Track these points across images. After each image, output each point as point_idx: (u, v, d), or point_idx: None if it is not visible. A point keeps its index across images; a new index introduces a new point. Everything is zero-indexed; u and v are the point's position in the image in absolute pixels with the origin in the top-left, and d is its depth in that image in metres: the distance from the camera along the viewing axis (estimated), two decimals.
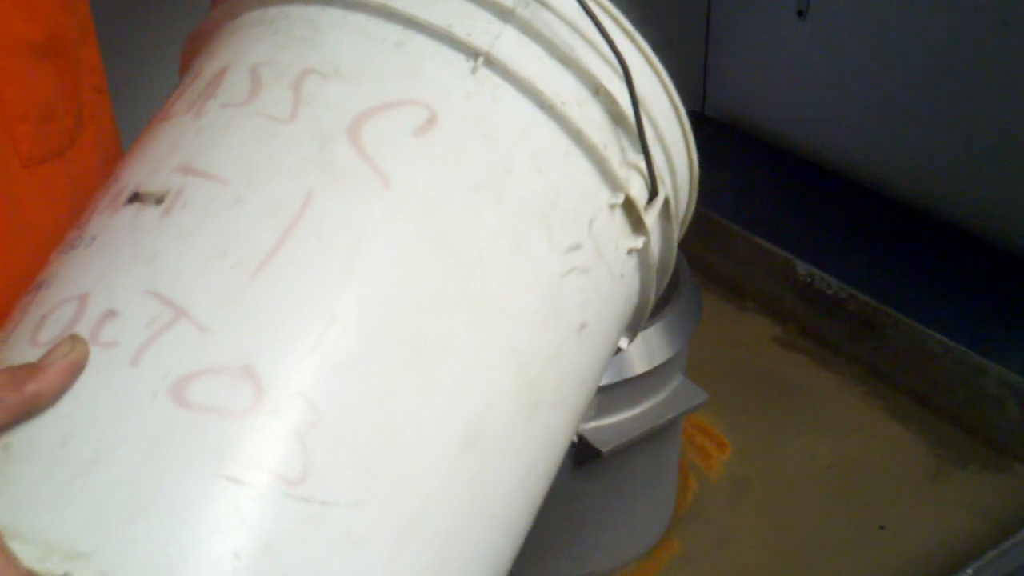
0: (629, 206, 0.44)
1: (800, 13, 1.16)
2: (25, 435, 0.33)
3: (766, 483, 0.83)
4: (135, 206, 0.38)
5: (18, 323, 0.38)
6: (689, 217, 0.54)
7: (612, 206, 0.43)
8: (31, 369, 0.34)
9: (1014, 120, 0.96)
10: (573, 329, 0.42)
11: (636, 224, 0.44)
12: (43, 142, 0.52)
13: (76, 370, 0.34)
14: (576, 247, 0.42)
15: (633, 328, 0.52)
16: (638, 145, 0.44)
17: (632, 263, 0.46)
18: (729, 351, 1.00)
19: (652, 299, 0.50)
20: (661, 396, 0.68)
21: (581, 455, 0.66)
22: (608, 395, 0.65)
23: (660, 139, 0.46)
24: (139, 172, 0.40)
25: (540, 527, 0.71)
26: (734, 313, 1.07)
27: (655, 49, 0.48)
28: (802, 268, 1.00)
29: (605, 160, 0.43)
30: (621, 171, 0.43)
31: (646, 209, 0.44)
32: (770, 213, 1.11)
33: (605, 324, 0.45)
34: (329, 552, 0.33)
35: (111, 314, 0.35)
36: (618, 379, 0.65)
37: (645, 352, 0.67)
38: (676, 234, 0.50)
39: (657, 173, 0.45)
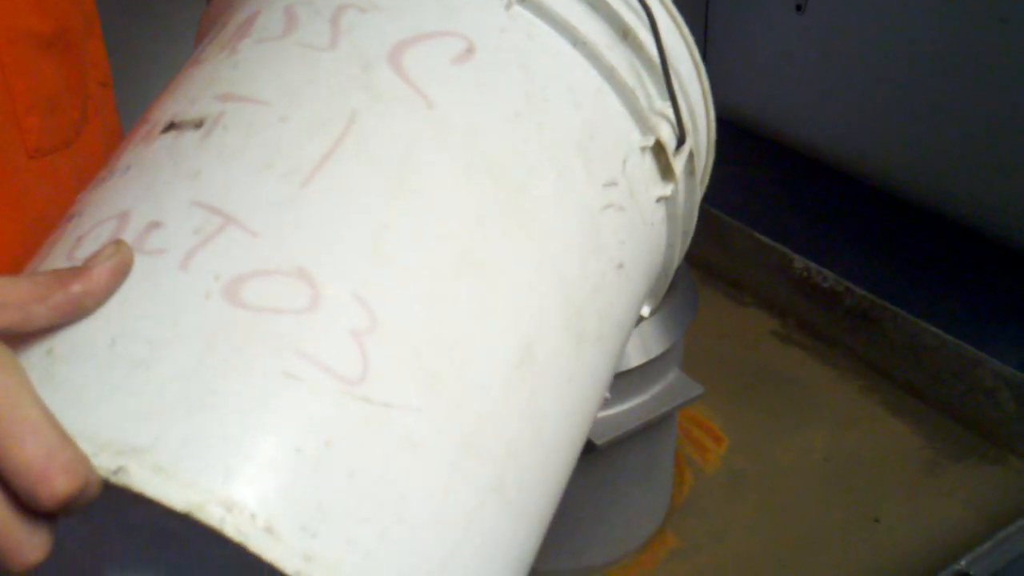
0: (659, 151, 0.45)
1: (798, 7, 1.16)
2: (69, 338, 0.32)
3: (762, 476, 0.84)
4: (171, 134, 0.38)
5: (51, 249, 0.36)
6: (707, 181, 0.55)
7: (643, 149, 0.45)
8: (75, 270, 0.32)
9: (1011, 115, 0.96)
10: (612, 266, 0.42)
11: (665, 170, 0.46)
12: (50, 134, 0.52)
13: (122, 272, 0.33)
14: (612, 184, 0.43)
15: (656, 293, 0.53)
16: (665, 94, 0.45)
17: (660, 213, 0.47)
18: (726, 345, 1.00)
19: (676, 261, 0.51)
20: (656, 389, 0.68)
21: None
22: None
23: (684, 93, 0.48)
24: (173, 107, 0.39)
25: None
26: (731, 307, 1.07)
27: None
28: (799, 262, 1.01)
29: (636, 100, 0.44)
30: (650, 116, 0.45)
31: (675, 155, 0.46)
32: (767, 208, 1.11)
33: (639, 270, 0.46)
34: (393, 455, 0.32)
35: (155, 225, 0.34)
36: (623, 368, 0.66)
37: (640, 345, 0.67)
38: (698, 194, 0.52)
39: (687, 124, 0.46)
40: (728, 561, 0.76)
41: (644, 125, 0.45)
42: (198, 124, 0.37)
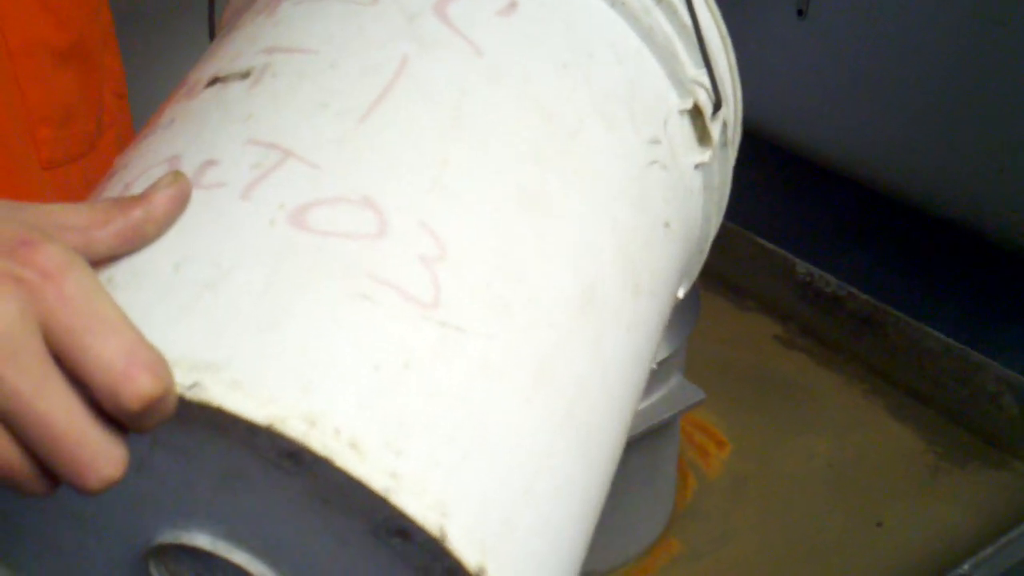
0: (696, 116, 0.48)
1: (800, 12, 1.17)
2: (130, 266, 0.31)
3: (765, 481, 0.85)
4: (216, 86, 0.38)
5: (99, 196, 0.36)
6: (734, 158, 0.57)
7: (681, 112, 0.47)
8: (135, 197, 0.32)
9: (1013, 119, 0.97)
10: (660, 223, 0.44)
11: (702, 136, 0.48)
12: (64, 145, 0.54)
13: (181, 200, 0.32)
14: (656, 141, 0.45)
15: (690, 272, 0.54)
16: (698, 62, 0.48)
17: (698, 180, 0.49)
18: (729, 350, 1.02)
19: (710, 237, 0.53)
20: (658, 395, 0.70)
21: None
22: None
23: (714, 63, 0.50)
24: (215, 66, 0.39)
25: None
26: (734, 312, 1.08)
27: None
28: (801, 267, 1.02)
29: (674, 62, 0.46)
30: (687, 80, 0.47)
31: (711, 121, 0.48)
32: (770, 212, 1.13)
33: (681, 233, 0.48)
34: (471, 379, 0.32)
35: (211, 163, 0.34)
36: None
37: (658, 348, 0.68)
38: (730, 171, 0.53)
39: (722, 91, 0.49)
40: (731, 566, 0.78)
41: (681, 88, 0.47)
42: (245, 75, 0.38)
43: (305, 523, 0.31)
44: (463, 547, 0.30)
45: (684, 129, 0.48)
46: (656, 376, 0.70)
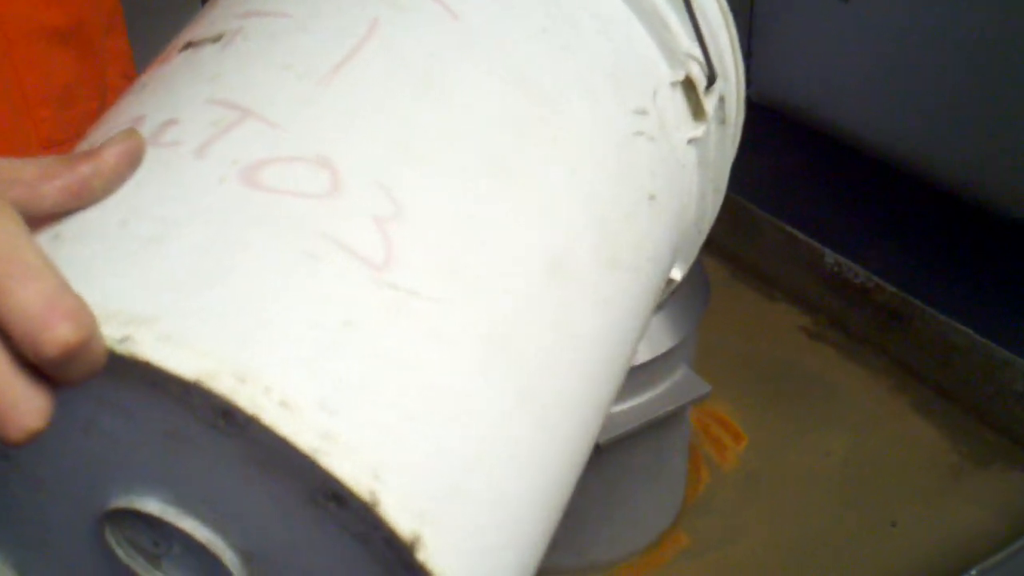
0: (689, 89, 0.47)
1: None
2: (77, 221, 0.31)
3: (780, 476, 0.84)
4: (189, 50, 0.38)
5: None
6: (738, 138, 0.56)
7: (673, 84, 0.47)
8: (84, 152, 0.32)
9: None
10: (644, 195, 0.44)
11: (696, 110, 0.48)
12: (64, 126, 0.55)
13: (133, 157, 0.32)
14: (643, 112, 0.44)
15: (687, 253, 0.54)
16: (692, 34, 0.47)
17: (692, 156, 0.49)
18: (754, 341, 1.01)
19: (708, 218, 0.53)
20: (663, 387, 0.69)
21: None
22: None
23: (713, 38, 0.50)
24: (193, 31, 0.40)
25: None
26: (761, 303, 1.07)
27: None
28: (829, 257, 1.00)
29: (664, 34, 0.46)
30: (679, 52, 0.47)
31: (705, 95, 0.48)
32: (805, 200, 1.11)
33: (671, 207, 0.47)
34: (418, 343, 0.32)
35: (171, 122, 0.34)
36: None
37: (646, 340, 0.68)
38: (730, 150, 0.52)
39: (717, 66, 0.48)
40: (738, 563, 0.77)
41: (674, 60, 0.47)
42: (217, 39, 0.38)
43: (247, 488, 0.31)
44: (396, 514, 0.29)
45: (676, 102, 0.47)
46: (661, 367, 0.69)
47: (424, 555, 0.30)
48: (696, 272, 0.73)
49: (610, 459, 0.71)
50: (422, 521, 0.30)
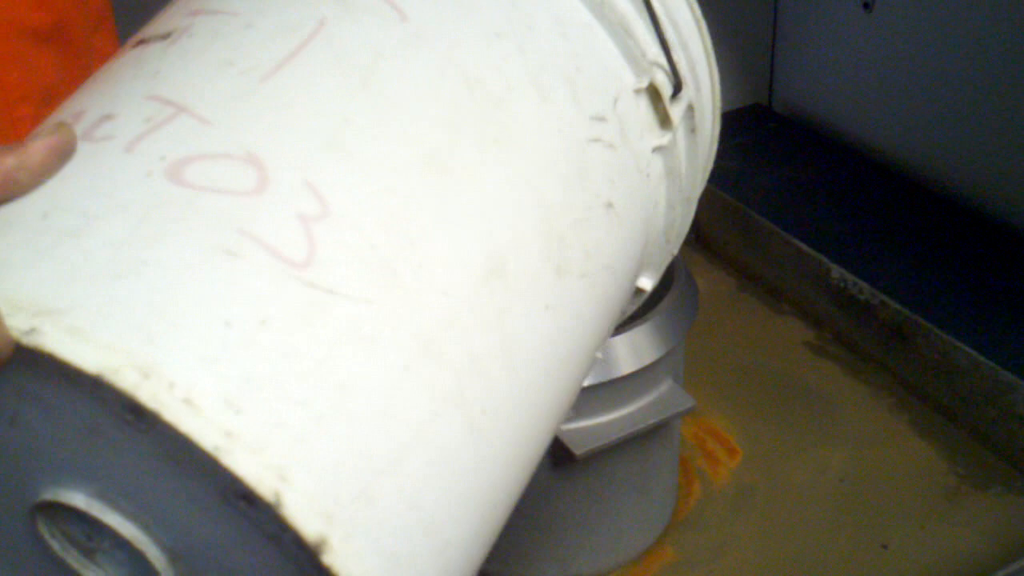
0: (654, 96, 0.47)
1: (866, 5, 1.15)
2: (1, 214, 0.32)
3: (772, 493, 0.84)
4: (139, 48, 0.39)
5: None
6: (714, 149, 0.56)
7: (637, 91, 0.46)
8: (9, 146, 0.32)
9: None
10: (600, 203, 0.43)
11: (663, 119, 0.47)
12: None
13: (60, 150, 0.33)
14: (601, 118, 0.44)
15: (656, 263, 0.54)
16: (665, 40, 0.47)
17: (658, 165, 0.49)
18: (756, 354, 1.00)
19: (678, 229, 0.52)
20: (646, 400, 0.69)
21: (557, 456, 0.67)
22: (588, 396, 0.66)
23: (683, 46, 0.49)
24: (143, 31, 0.40)
25: (521, 524, 0.72)
26: (768, 315, 1.06)
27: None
28: (836, 272, 0.99)
29: (628, 40, 0.45)
30: (643, 60, 0.46)
31: (671, 102, 0.47)
32: (819, 213, 1.10)
33: (632, 216, 0.47)
34: (335, 343, 0.31)
35: (107, 117, 0.34)
36: (601, 380, 0.66)
37: (632, 352, 0.68)
38: (702, 159, 0.52)
39: (684, 74, 0.48)
40: None
41: (638, 68, 0.47)
42: (165, 36, 0.38)
43: (166, 485, 0.31)
44: (301, 515, 0.29)
45: (641, 110, 0.47)
46: (646, 379, 0.69)
47: (331, 558, 0.30)
48: (685, 285, 0.72)
49: (591, 470, 0.70)
50: (329, 523, 0.30)
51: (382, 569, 0.32)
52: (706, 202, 1.16)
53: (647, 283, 0.54)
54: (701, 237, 1.19)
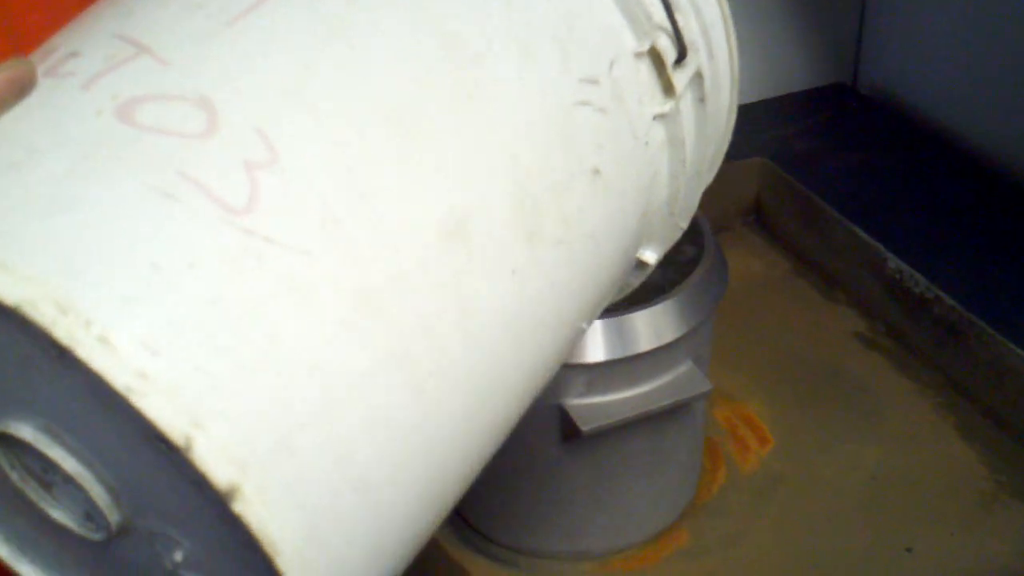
0: (657, 61, 0.46)
1: None
2: None
3: (800, 486, 0.82)
4: None
5: None
6: (732, 122, 0.54)
7: (637, 55, 0.45)
8: None
9: None
10: (585, 168, 0.43)
11: (665, 86, 0.46)
12: None
13: (17, 84, 0.33)
14: (593, 81, 0.43)
15: (662, 237, 0.52)
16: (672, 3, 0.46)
17: (659, 133, 0.47)
18: (804, 342, 0.98)
19: (682, 202, 0.51)
20: (662, 380, 0.68)
21: (565, 431, 0.67)
22: (600, 372, 0.65)
23: (696, 10, 0.48)
24: None
25: (530, 497, 0.72)
26: (821, 303, 1.04)
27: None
28: (892, 263, 0.96)
29: (630, 2, 0.44)
30: (648, 22, 0.45)
31: (674, 68, 0.46)
32: (884, 201, 1.07)
33: (623, 185, 0.46)
34: (267, 292, 0.32)
35: (74, 54, 0.35)
36: (616, 356, 0.65)
37: (652, 329, 0.66)
38: (714, 129, 0.50)
39: (690, 39, 0.46)
40: (735, 569, 0.75)
41: (640, 30, 0.45)
42: None
43: (97, 422, 0.32)
44: (212, 461, 0.29)
45: (642, 75, 0.46)
46: (662, 359, 0.67)
47: (242, 507, 0.30)
48: (713, 264, 0.70)
49: (601, 447, 0.69)
50: (243, 472, 0.30)
51: (302, 522, 0.32)
52: (767, 181, 1.14)
53: (651, 256, 0.53)
54: (761, 218, 1.16)
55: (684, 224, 0.54)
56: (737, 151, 1.18)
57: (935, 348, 0.92)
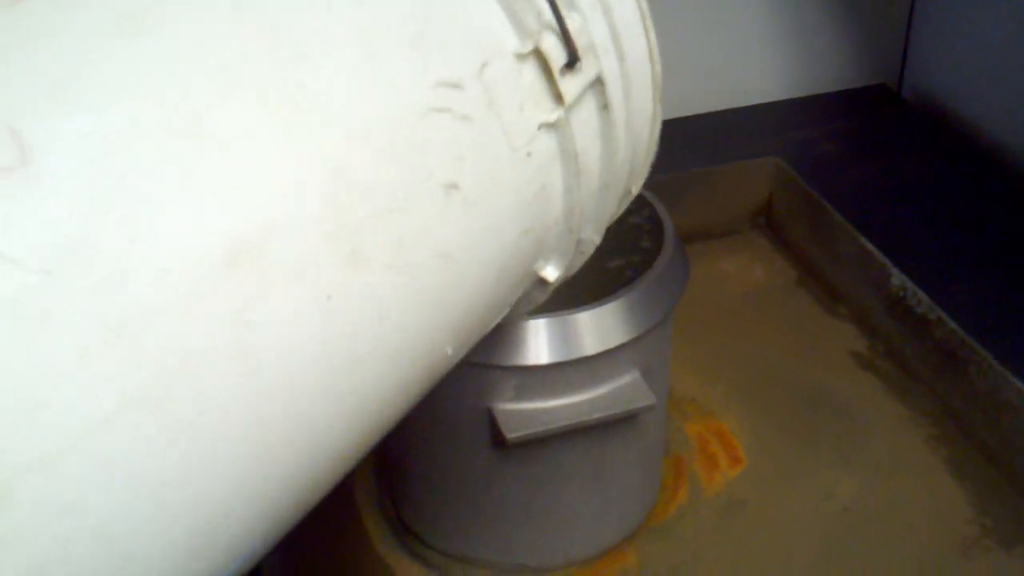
0: (544, 66, 0.42)
1: None
2: None
3: (764, 513, 0.76)
4: None
5: None
6: (655, 136, 0.49)
7: (519, 56, 0.41)
8: None
9: None
10: (436, 183, 0.39)
11: (555, 94, 0.42)
12: None
13: None
14: (454, 86, 0.39)
15: (561, 251, 0.48)
16: (570, 2, 0.43)
17: (546, 144, 0.43)
18: (796, 358, 0.92)
19: (579, 216, 0.46)
20: (600, 391, 0.62)
21: (493, 436, 0.62)
22: (531, 376, 0.61)
23: (604, 8, 0.44)
24: None
25: (462, 503, 0.68)
26: (821, 317, 0.98)
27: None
28: (896, 279, 0.89)
29: None
30: (534, 21, 0.41)
31: (562, 73, 0.42)
32: (902, 214, 1.01)
33: (493, 203, 0.42)
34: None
35: None
36: (545, 360, 0.60)
37: (596, 334, 0.61)
38: (626, 138, 0.46)
39: (586, 42, 0.42)
40: None
41: (522, 30, 0.41)
42: None
43: None
44: None
45: (525, 79, 0.41)
46: (601, 368, 0.62)
47: None
48: (668, 269, 0.65)
49: (533, 457, 0.65)
50: None
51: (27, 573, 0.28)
52: (779, 184, 1.08)
53: (551, 272, 0.48)
54: (771, 221, 1.10)
55: (596, 238, 0.49)
56: (749, 151, 1.13)
57: (933, 374, 0.86)
